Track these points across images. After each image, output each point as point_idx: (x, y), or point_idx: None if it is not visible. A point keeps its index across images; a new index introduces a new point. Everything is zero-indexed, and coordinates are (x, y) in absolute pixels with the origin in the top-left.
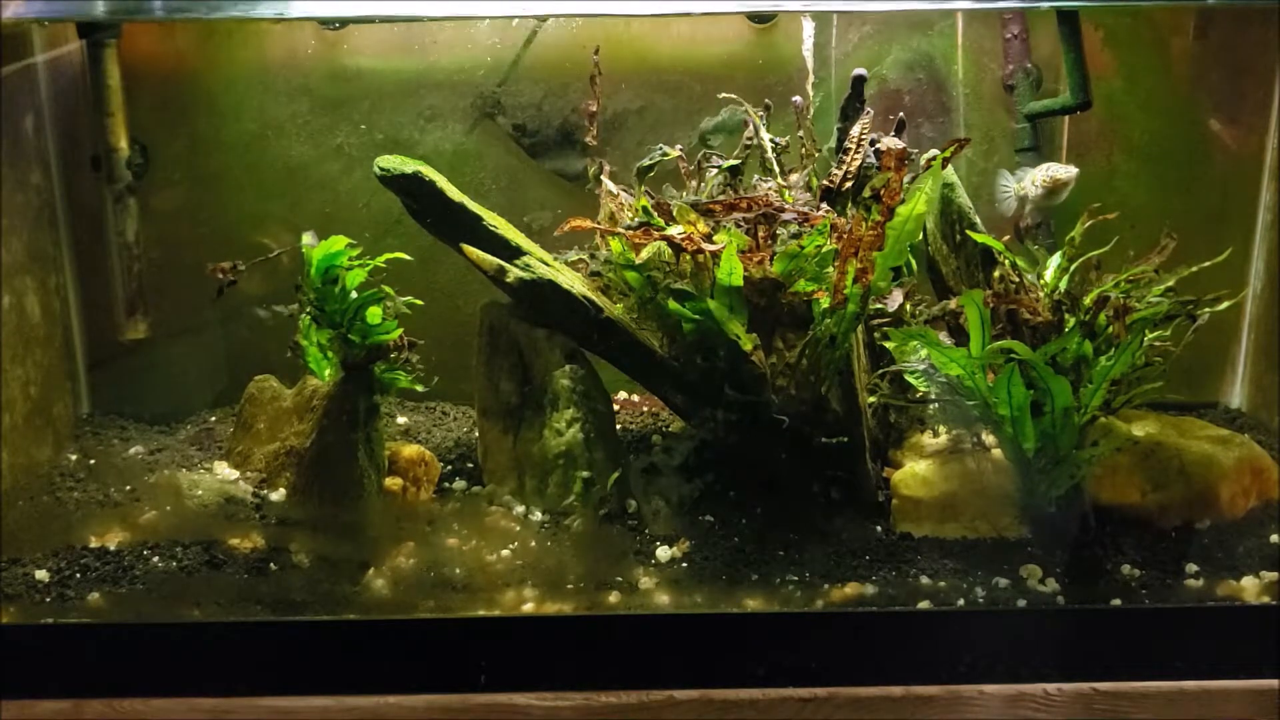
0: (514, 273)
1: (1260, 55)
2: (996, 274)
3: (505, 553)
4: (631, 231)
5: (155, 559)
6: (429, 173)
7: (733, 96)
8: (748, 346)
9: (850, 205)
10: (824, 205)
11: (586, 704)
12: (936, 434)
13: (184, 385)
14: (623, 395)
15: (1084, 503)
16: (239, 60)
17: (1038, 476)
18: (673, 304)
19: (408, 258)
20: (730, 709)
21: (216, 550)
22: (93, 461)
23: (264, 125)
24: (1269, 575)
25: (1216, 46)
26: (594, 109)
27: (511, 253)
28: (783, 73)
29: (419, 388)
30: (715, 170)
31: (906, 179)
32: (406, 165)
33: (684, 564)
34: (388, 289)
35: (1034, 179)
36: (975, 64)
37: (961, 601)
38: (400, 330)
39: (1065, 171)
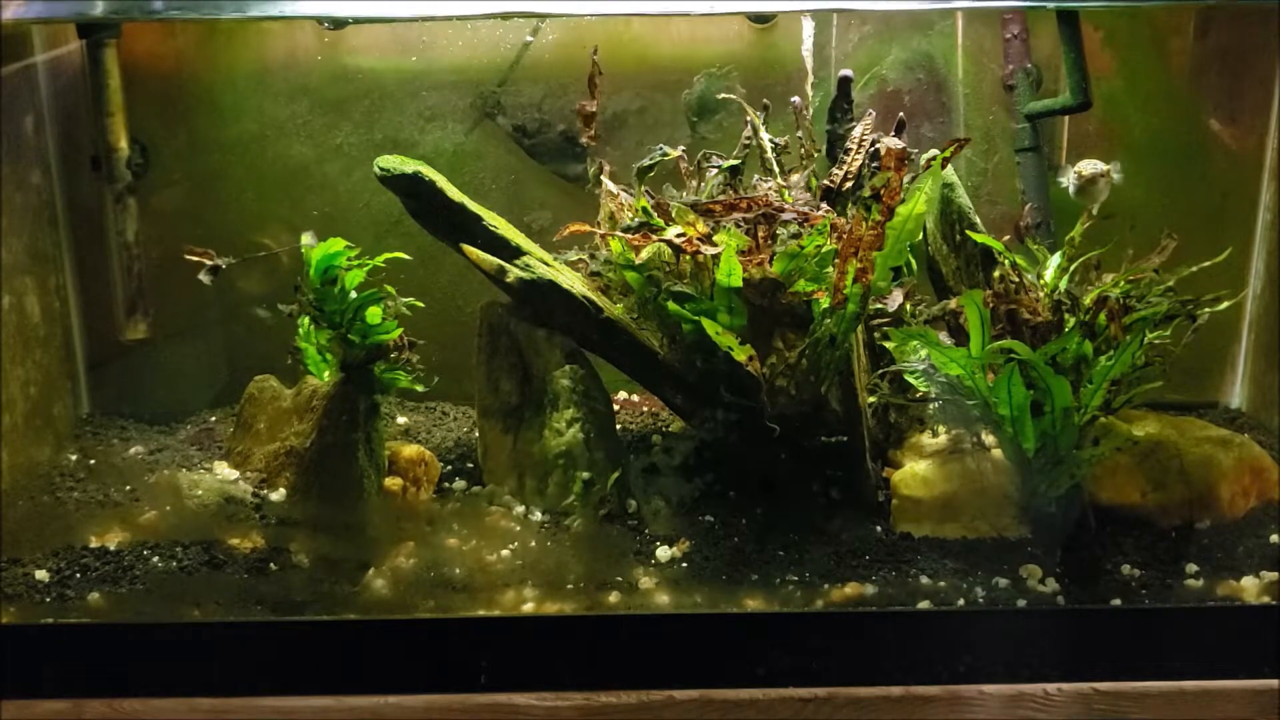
0: (514, 273)
1: (1260, 55)
2: (996, 274)
3: (505, 553)
4: (629, 234)
5: (155, 559)
6: (429, 173)
7: (714, 71)
8: (742, 358)
9: (850, 205)
10: (824, 205)
11: (586, 704)
12: (936, 434)
13: (184, 385)
14: (623, 395)
15: (1084, 503)
16: (239, 60)
17: (1038, 476)
18: (672, 305)
19: (408, 258)
20: (730, 709)
21: (216, 550)
22: (93, 461)
23: (264, 125)
24: (1269, 575)
25: (1216, 46)
26: (591, 109)
27: (511, 253)
28: (782, 73)
29: (419, 388)
30: (715, 170)
31: (906, 179)
32: (406, 165)
33: (684, 564)
34: (389, 289)
35: (1070, 175)
36: (975, 64)
37: (961, 601)
38: (400, 330)
39: (1090, 167)
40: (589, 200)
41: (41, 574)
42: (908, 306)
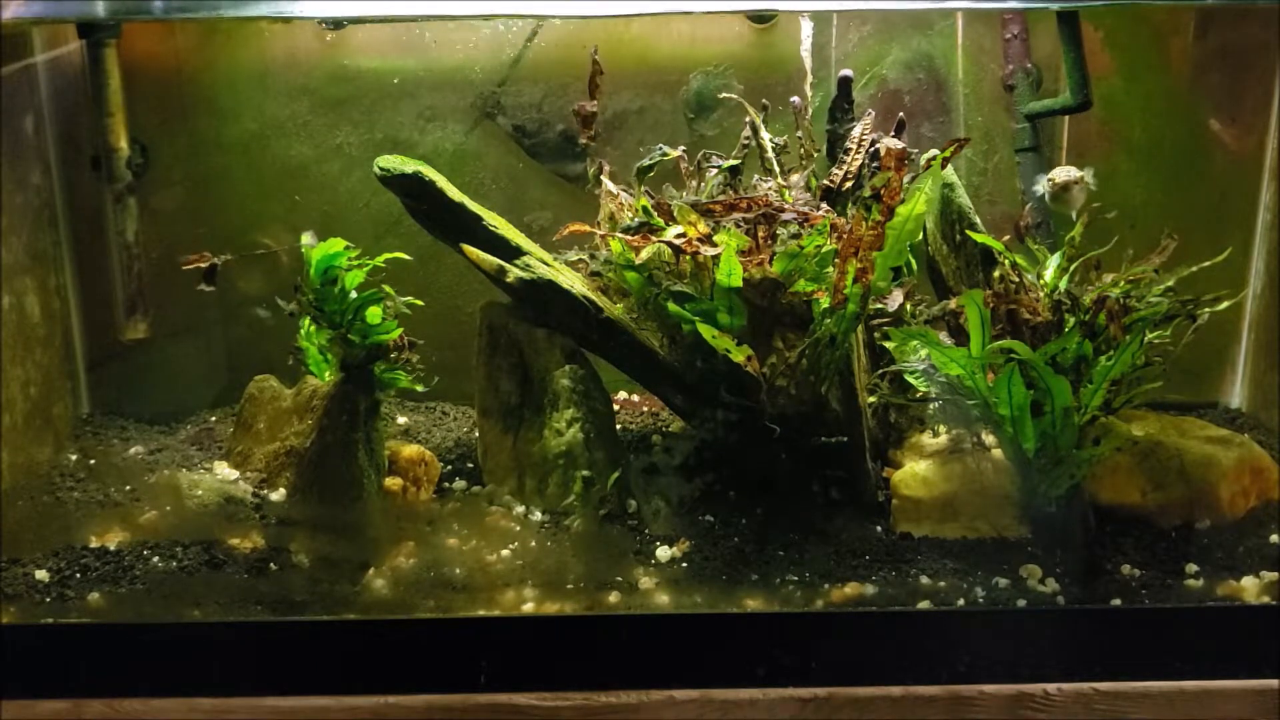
0: (514, 272)
1: (1260, 55)
2: (996, 274)
3: (505, 553)
4: (629, 234)
5: (155, 559)
6: (429, 173)
7: (710, 69)
8: (740, 358)
9: (850, 205)
10: (824, 205)
11: (586, 704)
12: (936, 434)
13: (184, 385)
14: (623, 395)
15: (1084, 503)
16: (239, 60)
17: (1038, 476)
18: (672, 306)
19: (408, 258)
20: (730, 709)
21: (216, 550)
22: (93, 461)
23: (264, 125)
24: (1269, 575)
25: (1216, 46)
26: (591, 109)
27: (511, 252)
28: (783, 73)
29: (419, 388)
30: (715, 170)
31: (906, 179)
32: (406, 165)
33: (684, 564)
34: (388, 289)
35: (1043, 182)
36: (975, 64)
37: (961, 601)
38: (400, 330)
39: (1064, 174)
40: (589, 200)
41: (41, 574)
42: (908, 306)
